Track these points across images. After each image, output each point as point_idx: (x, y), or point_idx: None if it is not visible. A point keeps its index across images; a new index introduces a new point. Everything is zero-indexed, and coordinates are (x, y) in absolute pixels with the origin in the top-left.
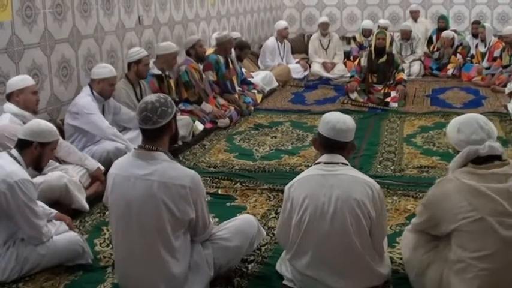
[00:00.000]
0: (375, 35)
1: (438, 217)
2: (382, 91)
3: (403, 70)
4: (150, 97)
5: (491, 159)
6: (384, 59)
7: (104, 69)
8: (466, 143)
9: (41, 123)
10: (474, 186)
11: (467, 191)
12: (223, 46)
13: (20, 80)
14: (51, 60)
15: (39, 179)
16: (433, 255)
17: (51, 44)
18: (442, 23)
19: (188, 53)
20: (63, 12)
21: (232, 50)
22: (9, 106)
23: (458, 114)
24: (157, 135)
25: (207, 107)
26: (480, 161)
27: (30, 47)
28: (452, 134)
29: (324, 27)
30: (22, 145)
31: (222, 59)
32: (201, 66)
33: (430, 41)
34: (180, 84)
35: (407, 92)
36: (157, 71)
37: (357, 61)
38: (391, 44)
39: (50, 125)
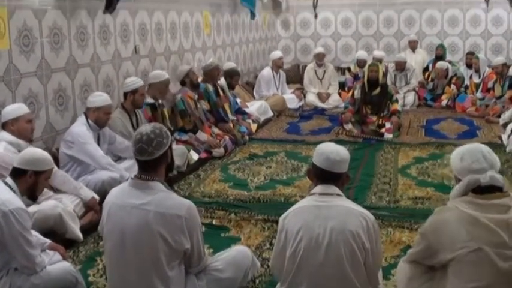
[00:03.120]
0: (367, 67)
1: (436, 246)
2: (376, 122)
3: (397, 101)
4: (145, 128)
5: (492, 190)
6: (377, 90)
7: (99, 98)
8: (468, 171)
9: (36, 152)
10: (474, 215)
11: (467, 220)
12: (210, 74)
13: (15, 109)
14: (47, 89)
15: (33, 208)
16: (429, 286)
17: (48, 72)
18: (440, 51)
19: (183, 83)
20: (60, 41)
21: (223, 78)
22: (4, 135)
23: (453, 145)
24: (153, 166)
25: (202, 135)
26: (481, 191)
27: (27, 75)
28: (455, 162)
29: (319, 58)
30: (17, 174)
31: (211, 87)
32: (196, 96)
33: (426, 69)
34: (176, 112)
35: (401, 123)
36: (150, 100)
37: (350, 92)
38: (384, 75)
39: (45, 154)
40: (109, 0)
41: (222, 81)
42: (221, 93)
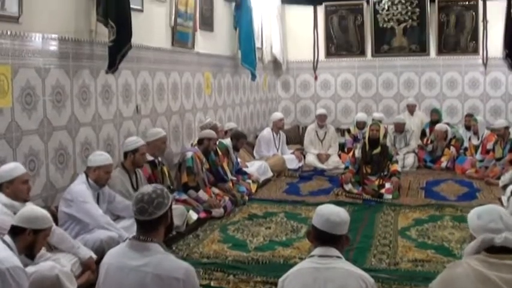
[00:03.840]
0: (368, 126)
1: None
2: (376, 182)
3: (396, 162)
4: (147, 188)
5: (505, 251)
6: (377, 150)
7: (100, 157)
8: (484, 230)
9: (35, 210)
10: (484, 273)
11: (476, 277)
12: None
13: (10, 170)
14: (48, 147)
15: (30, 268)
16: None
17: (50, 130)
18: (435, 116)
19: (200, 142)
20: (62, 100)
21: (229, 139)
22: None
23: (453, 207)
24: (152, 226)
25: (203, 195)
26: (494, 250)
27: (29, 133)
28: (472, 220)
29: (321, 119)
30: (15, 232)
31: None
32: (204, 158)
33: (423, 134)
34: (183, 168)
35: (401, 184)
36: (149, 157)
37: (351, 153)
38: (385, 136)
39: (44, 212)
40: (112, 61)
41: (228, 141)
42: (219, 152)
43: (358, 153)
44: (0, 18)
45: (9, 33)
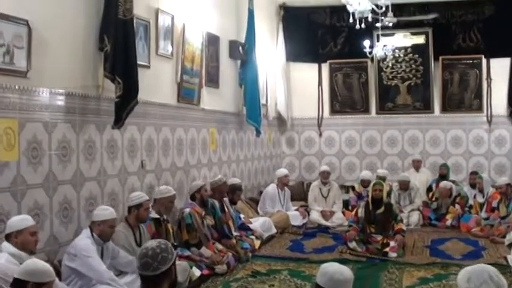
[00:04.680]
0: (371, 186)
1: None
2: (380, 241)
3: (401, 221)
4: (151, 243)
5: None
6: (381, 209)
7: (104, 212)
8: None
9: (37, 263)
10: None
11: None
12: (218, 190)
13: (20, 221)
14: (53, 201)
15: None
16: None
17: (55, 185)
18: (444, 171)
19: (193, 198)
20: (68, 154)
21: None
22: (6, 246)
23: (458, 265)
24: (156, 282)
25: (206, 251)
26: None
27: (34, 187)
28: (461, 283)
29: (324, 176)
30: (17, 285)
31: (217, 203)
32: (203, 212)
33: (429, 189)
34: (183, 226)
35: (406, 242)
36: (154, 215)
37: (354, 211)
38: (388, 194)
39: (47, 266)
40: (118, 116)
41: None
42: (226, 209)
43: (361, 212)
44: (9, 73)
45: (17, 87)
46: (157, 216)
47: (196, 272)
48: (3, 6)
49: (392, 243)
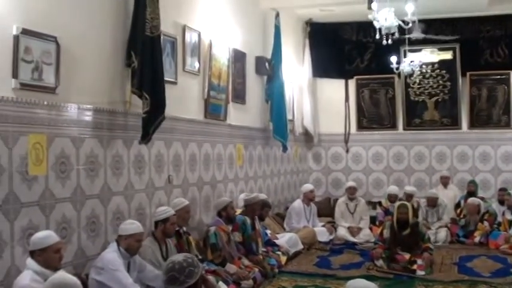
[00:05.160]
0: (396, 208)
1: None
2: (408, 259)
3: (429, 239)
4: (177, 257)
5: None
6: (407, 231)
7: (131, 226)
8: None
9: (65, 277)
10: None
11: None
12: (251, 208)
13: (44, 238)
14: (80, 215)
15: None
16: None
17: (82, 199)
18: (472, 187)
19: (219, 214)
20: (96, 169)
21: None
22: (31, 263)
23: (486, 283)
24: None
25: (231, 268)
26: None
27: (62, 201)
28: None
29: (351, 192)
30: None
31: (248, 221)
32: (230, 228)
33: (457, 206)
34: (207, 245)
35: (433, 260)
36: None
37: (379, 230)
38: (415, 214)
39: (74, 279)
40: (145, 131)
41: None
42: (257, 227)
43: (386, 233)
44: (38, 89)
45: (46, 103)
46: (176, 228)
47: (223, 287)
48: (33, 23)
49: (419, 262)
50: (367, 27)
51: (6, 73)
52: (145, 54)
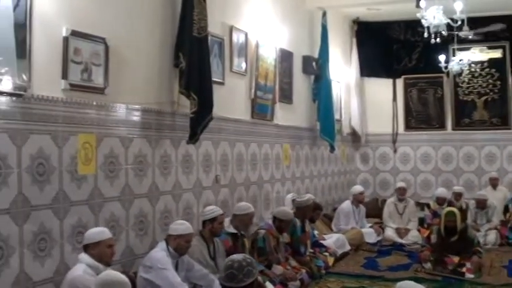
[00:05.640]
0: (443, 215)
1: None
2: (457, 262)
3: (478, 243)
4: (237, 256)
5: None
6: (455, 237)
7: (181, 226)
8: None
9: (114, 275)
10: None
11: None
12: (302, 210)
13: (97, 233)
14: (129, 214)
15: None
16: None
17: (131, 198)
18: None
19: (274, 219)
20: (144, 168)
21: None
22: (84, 257)
23: None
24: None
25: (277, 269)
26: None
27: (111, 200)
28: None
29: (401, 193)
30: None
31: (298, 223)
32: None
33: (507, 208)
34: (255, 248)
35: (483, 263)
36: (232, 230)
37: (427, 234)
38: (463, 217)
39: (123, 277)
40: (193, 131)
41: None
42: (306, 229)
43: (434, 238)
44: (88, 89)
45: (95, 103)
46: (234, 231)
47: (270, 287)
48: (82, 25)
49: (468, 265)
50: (415, 25)
51: (56, 74)
52: (193, 55)
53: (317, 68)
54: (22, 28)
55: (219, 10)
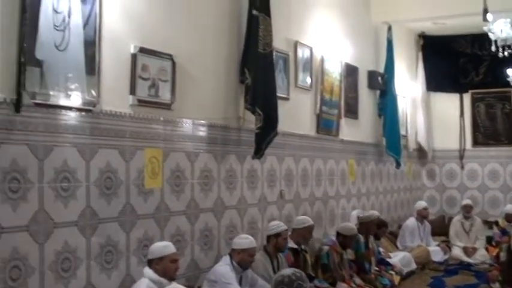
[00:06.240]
0: None
1: None
2: None
3: None
4: (286, 271)
5: None
6: None
7: (245, 240)
8: None
9: None
10: None
11: None
12: (365, 226)
13: (162, 247)
14: (194, 228)
15: None
16: None
17: (196, 212)
18: None
19: (338, 235)
20: (209, 183)
21: None
22: (148, 272)
23: None
24: None
25: (342, 286)
26: None
27: (176, 214)
28: None
29: (467, 210)
30: None
31: (362, 239)
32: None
33: None
34: (318, 264)
35: None
36: (293, 245)
37: (496, 252)
38: None
39: None
40: (258, 147)
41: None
42: (370, 246)
43: (503, 256)
44: (155, 105)
45: (162, 119)
46: (295, 246)
47: None
48: (150, 42)
49: None
50: (482, 39)
51: (124, 90)
52: (258, 71)
53: (383, 83)
54: (91, 45)
55: (284, 26)
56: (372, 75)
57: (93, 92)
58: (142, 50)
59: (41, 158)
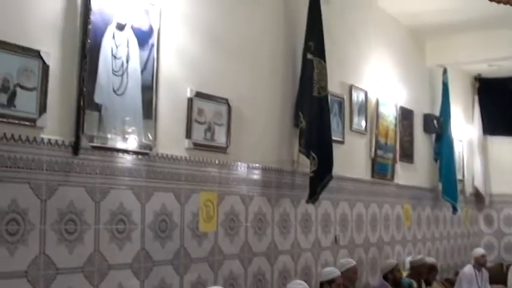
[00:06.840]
0: None
1: None
2: None
3: None
4: None
5: None
6: None
7: (298, 286)
8: None
9: None
10: None
11: None
12: (416, 270)
13: None
14: (247, 272)
15: None
16: None
17: (250, 256)
18: None
19: (385, 277)
20: (263, 227)
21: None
22: None
23: None
24: None
25: None
26: None
27: (230, 257)
28: None
29: None
30: None
31: (415, 284)
32: None
33: None
34: None
35: None
36: None
37: None
38: None
39: None
40: (312, 191)
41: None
42: None
43: None
44: (210, 149)
45: (217, 162)
46: None
47: None
48: (206, 86)
49: None
50: None
51: (180, 133)
52: (313, 115)
53: (438, 126)
54: (149, 89)
55: (339, 70)
56: (427, 118)
57: (150, 136)
58: (199, 94)
59: (97, 200)
